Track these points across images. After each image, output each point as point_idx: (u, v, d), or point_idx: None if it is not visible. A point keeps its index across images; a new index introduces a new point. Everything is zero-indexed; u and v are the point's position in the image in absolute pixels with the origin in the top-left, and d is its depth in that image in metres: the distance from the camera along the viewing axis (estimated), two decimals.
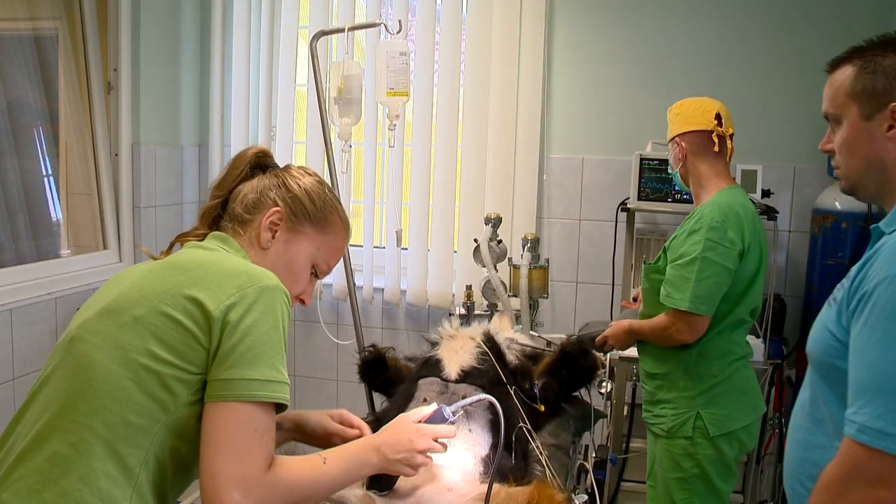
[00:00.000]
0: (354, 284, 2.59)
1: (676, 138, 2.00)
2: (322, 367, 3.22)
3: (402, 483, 1.22)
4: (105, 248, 2.88)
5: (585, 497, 1.50)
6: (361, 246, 3.07)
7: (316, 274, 1.17)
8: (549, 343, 2.03)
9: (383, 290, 3.07)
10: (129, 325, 0.98)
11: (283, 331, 1.00)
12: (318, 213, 1.14)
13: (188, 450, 1.01)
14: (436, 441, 1.12)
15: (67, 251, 2.80)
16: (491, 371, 1.62)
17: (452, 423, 1.14)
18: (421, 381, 1.62)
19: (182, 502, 2.71)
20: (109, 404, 0.95)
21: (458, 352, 1.68)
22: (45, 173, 2.73)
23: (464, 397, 1.52)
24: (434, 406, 1.16)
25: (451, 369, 1.60)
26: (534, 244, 2.41)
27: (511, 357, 1.75)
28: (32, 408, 0.99)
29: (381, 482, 1.18)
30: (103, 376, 0.96)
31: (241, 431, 0.92)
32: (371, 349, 1.79)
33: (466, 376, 1.63)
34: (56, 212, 2.78)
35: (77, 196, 2.82)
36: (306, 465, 1.00)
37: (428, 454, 1.11)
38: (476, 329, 1.79)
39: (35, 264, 2.57)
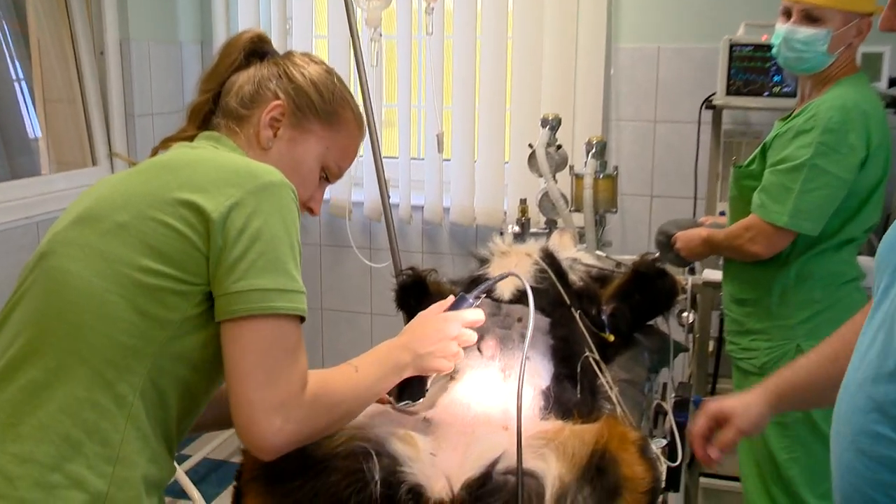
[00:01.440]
0: (389, 202, 2.57)
1: (858, 17, 1.78)
2: (353, 298, 3.25)
3: (451, 422, 1.21)
4: (94, 163, 2.81)
5: (664, 442, 1.47)
6: (396, 158, 3.04)
7: (327, 178, 1.17)
8: (618, 265, 1.97)
9: (423, 208, 3.05)
10: (112, 233, 0.95)
11: (295, 232, 0.98)
12: (327, 106, 1.13)
13: (193, 378, 0.99)
14: (465, 328, 1.18)
15: (48, 168, 2.74)
16: (551, 291, 1.59)
17: (477, 307, 1.20)
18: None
19: (192, 456, 2.81)
20: (93, 322, 0.93)
21: (512, 269, 1.64)
22: (14, 77, 2.64)
23: (519, 320, 1.49)
24: (451, 298, 1.20)
25: (505, 288, 1.57)
26: (600, 150, 2.35)
27: (574, 278, 1.71)
28: (0, 338, 0.98)
29: (412, 389, 1.19)
30: (83, 291, 0.94)
31: (272, 352, 0.92)
32: (409, 272, 1.77)
33: (522, 296, 1.59)
34: (32, 123, 2.70)
35: (56, 104, 2.73)
36: (340, 378, 1.01)
37: (461, 346, 1.17)
38: (532, 246, 1.76)
39: (10, 183, 2.49)
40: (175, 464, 1.05)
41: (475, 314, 1.20)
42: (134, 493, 0.94)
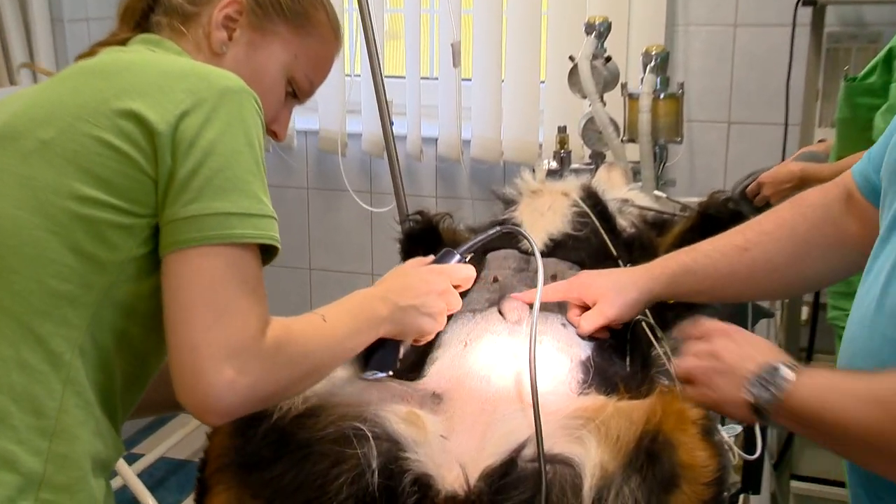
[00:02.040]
0: (394, 133, 2.58)
1: None
2: (349, 254, 3.28)
3: (467, 398, 1.23)
4: (12, 83, 2.80)
5: (738, 429, 1.48)
6: (403, 77, 3.04)
7: (295, 94, 1.18)
8: (683, 208, 1.98)
9: (436, 140, 3.06)
10: (35, 154, 0.96)
11: (261, 148, 0.99)
12: (295, 4, 1.15)
13: (140, 335, 1.00)
14: (453, 287, 1.23)
15: None
16: (594, 240, 1.59)
17: (462, 260, 1.25)
18: (490, 255, 1.61)
19: (145, 455, 2.84)
20: (18, 265, 0.94)
21: (544, 213, 1.66)
22: None
23: (554, 278, 1.51)
24: (431, 257, 1.24)
25: (536, 237, 1.57)
26: (661, 63, 2.33)
27: (624, 223, 1.72)
28: None
29: (383, 356, 1.21)
30: (4, 228, 0.95)
31: (225, 284, 0.93)
32: (417, 217, 1.79)
33: (557, 247, 1.61)
34: None
35: None
36: (307, 326, 1.03)
37: (447, 308, 1.22)
38: (571, 183, 1.76)
39: None
40: (125, 465, 1.08)
41: (465, 270, 1.23)
42: (78, 474, 0.96)
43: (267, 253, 1.00)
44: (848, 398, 1.02)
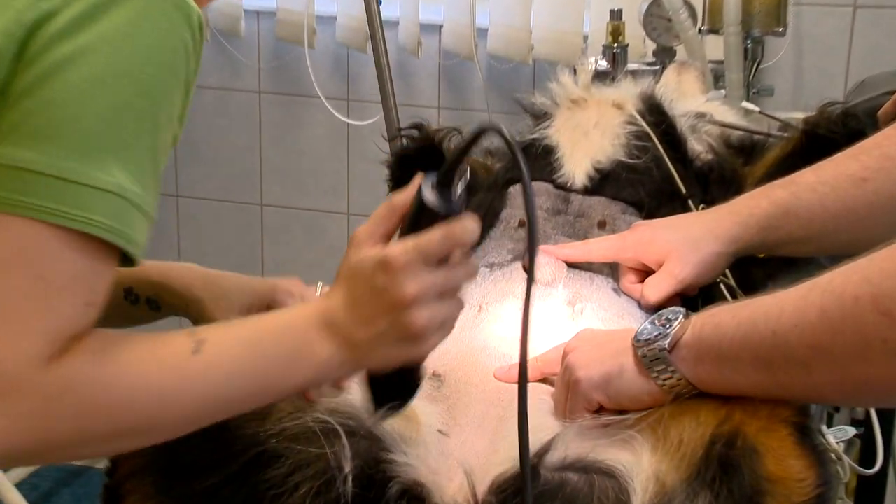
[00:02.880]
0: (381, 18, 2.58)
1: None
2: (318, 184, 3.29)
3: (476, 382, 1.24)
4: None
5: (851, 432, 1.50)
6: None
7: None
8: (783, 127, 1.98)
9: (440, 28, 3.07)
10: None
11: (163, 91, 0.94)
12: None
13: None
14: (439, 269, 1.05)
15: None
16: (655, 170, 1.61)
17: (458, 211, 1.04)
18: (514, 189, 1.63)
19: None
20: None
21: (588, 132, 1.67)
22: None
23: (602, 226, 1.52)
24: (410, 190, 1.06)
25: (575, 166, 1.60)
26: None
27: (699, 147, 1.72)
28: None
29: (390, 391, 1.13)
30: None
31: (4, 274, 0.89)
32: (413, 133, 1.81)
33: (605, 181, 1.62)
34: None
35: None
36: (150, 357, 0.96)
37: (447, 293, 1.07)
38: (626, 90, 1.77)
39: None
40: None
41: (464, 226, 1.04)
42: None
43: (113, 254, 0.93)
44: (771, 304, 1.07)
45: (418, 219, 1.05)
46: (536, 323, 1.34)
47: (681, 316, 1.14)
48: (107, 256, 0.92)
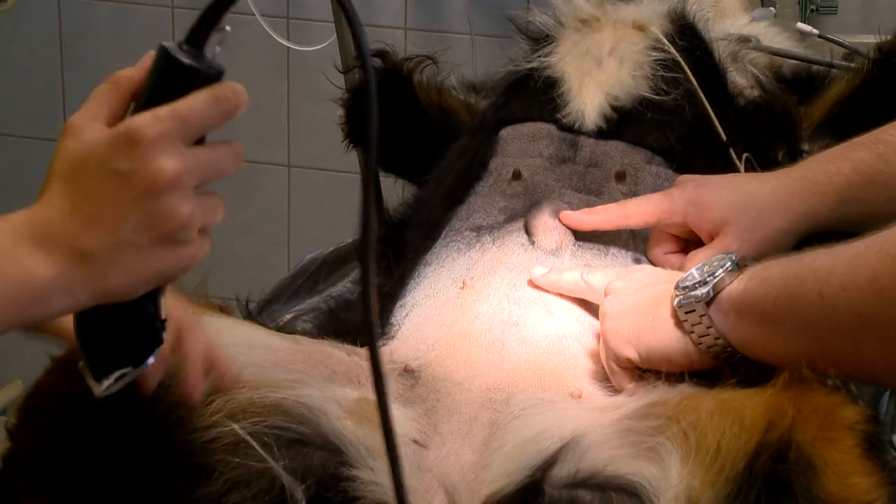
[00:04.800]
0: None
1: None
2: (249, 129, 3.28)
3: (460, 379, 1.26)
4: None
5: None
6: None
7: None
8: (849, 55, 1.99)
9: None
10: None
11: None
12: None
13: None
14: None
15: None
16: (688, 111, 1.63)
17: (220, 71, 1.04)
18: (508, 133, 1.66)
19: None
20: None
21: (602, 60, 1.69)
22: None
23: (621, 177, 1.54)
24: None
25: (585, 102, 1.62)
26: None
27: (742, 81, 1.75)
28: None
29: (117, 347, 1.09)
30: None
31: None
32: (376, 62, 1.83)
33: (623, 121, 1.64)
34: None
35: None
36: None
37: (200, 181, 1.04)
38: (649, 7, 1.78)
39: None
40: None
41: (234, 88, 1.04)
42: None
43: None
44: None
45: (165, 87, 1.03)
46: (535, 299, 1.36)
47: (729, 263, 1.17)
48: None
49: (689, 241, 1.43)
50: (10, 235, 1.00)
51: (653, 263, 1.42)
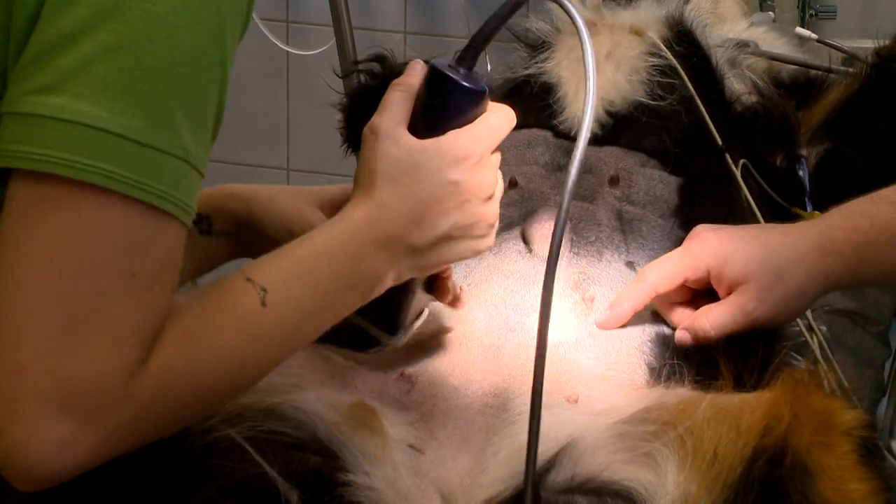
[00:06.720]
0: None
1: None
2: (249, 131, 3.28)
3: (456, 385, 1.27)
4: None
5: None
6: None
7: None
8: (848, 59, 1.99)
9: None
10: None
11: (230, 42, 1.06)
12: None
13: None
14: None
15: None
16: (685, 115, 1.63)
17: (486, 88, 1.24)
18: (505, 139, 1.63)
19: None
20: None
21: (599, 65, 1.63)
22: None
23: (614, 182, 1.54)
24: (414, 76, 1.25)
25: (581, 108, 1.60)
26: None
27: (740, 86, 1.75)
28: None
29: (383, 311, 1.25)
30: None
31: (91, 266, 0.94)
32: (374, 67, 1.84)
33: (619, 126, 1.65)
34: None
35: None
36: (231, 323, 1.05)
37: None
38: (646, 12, 1.79)
39: None
40: None
41: (500, 117, 1.27)
42: None
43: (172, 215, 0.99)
44: None
45: (442, 102, 1.23)
46: (531, 305, 1.36)
47: None
48: (179, 233, 1.00)
49: (696, 291, 1.40)
50: (357, 238, 1.18)
51: (659, 313, 1.41)
